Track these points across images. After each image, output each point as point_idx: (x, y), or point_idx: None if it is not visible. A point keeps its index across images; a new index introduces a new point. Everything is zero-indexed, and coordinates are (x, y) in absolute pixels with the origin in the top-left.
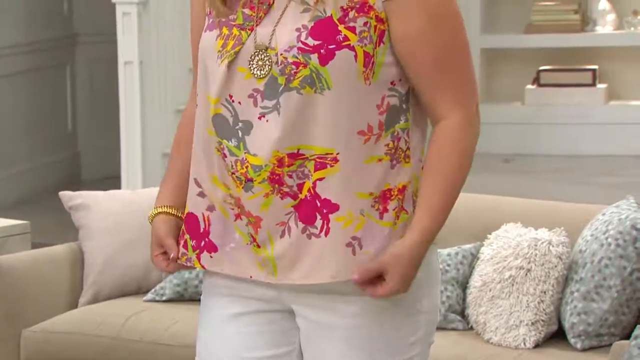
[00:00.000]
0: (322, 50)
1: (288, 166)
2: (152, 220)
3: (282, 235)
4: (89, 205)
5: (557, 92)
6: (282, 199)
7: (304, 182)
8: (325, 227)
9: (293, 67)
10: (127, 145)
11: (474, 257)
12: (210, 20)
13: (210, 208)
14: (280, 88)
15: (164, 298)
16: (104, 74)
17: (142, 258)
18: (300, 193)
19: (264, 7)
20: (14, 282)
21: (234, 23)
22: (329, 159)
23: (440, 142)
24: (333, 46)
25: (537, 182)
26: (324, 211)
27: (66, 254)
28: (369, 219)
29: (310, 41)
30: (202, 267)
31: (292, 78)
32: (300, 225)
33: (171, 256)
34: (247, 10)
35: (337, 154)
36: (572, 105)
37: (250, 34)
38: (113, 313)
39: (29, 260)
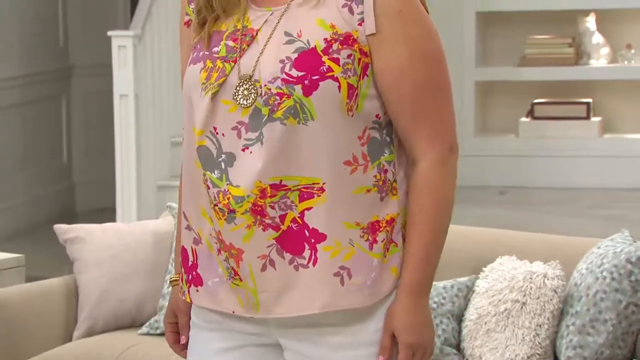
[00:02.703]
0: (305, 81)
1: (270, 197)
2: (172, 285)
3: (263, 269)
4: (84, 238)
5: (551, 124)
6: (264, 230)
7: (287, 214)
8: (313, 257)
9: (277, 98)
10: (122, 177)
11: (470, 290)
12: (195, 53)
13: (196, 241)
14: (264, 119)
15: (158, 331)
16: (99, 106)
17: (136, 291)
18: (283, 224)
19: (247, 38)
20: (8, 315)
21: (217, 55)
22: (315, 188)
23: (416, 192)
24: (317, 77)
25: (532, 214)
26: (312, 241)
27: (61, 287)
28: (358, 249)
29: (294, 72)
30: (191, 301)
31: (275, 109)
32: (288, 256)
33: (181, 341)
34: (230, 43)
35: (324, 183)
36: (567, 138)
37: (233, 66)
38: (107, 346)
39: (24, 293)
